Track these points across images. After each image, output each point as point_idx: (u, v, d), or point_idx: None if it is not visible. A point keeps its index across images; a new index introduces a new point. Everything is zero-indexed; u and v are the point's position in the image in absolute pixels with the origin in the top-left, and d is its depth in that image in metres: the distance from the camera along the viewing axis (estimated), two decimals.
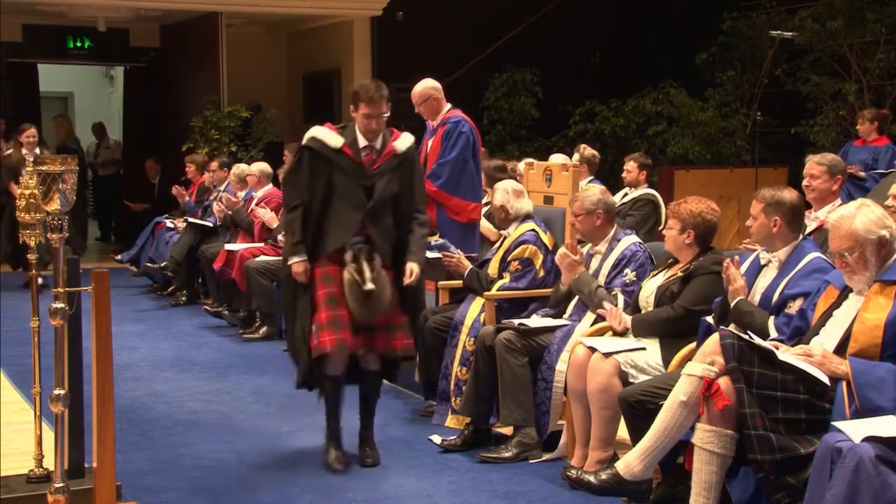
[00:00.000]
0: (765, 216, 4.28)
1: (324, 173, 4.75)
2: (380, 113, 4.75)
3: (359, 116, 4.77)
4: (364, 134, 4.77)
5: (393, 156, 4.82)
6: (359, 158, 4.77)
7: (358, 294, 4.61)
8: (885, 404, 3.45)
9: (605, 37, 13.47)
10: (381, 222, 4.78)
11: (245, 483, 4.63)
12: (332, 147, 4.75)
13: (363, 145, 4.78)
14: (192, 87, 13.01)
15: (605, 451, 4.53)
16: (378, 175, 4.78)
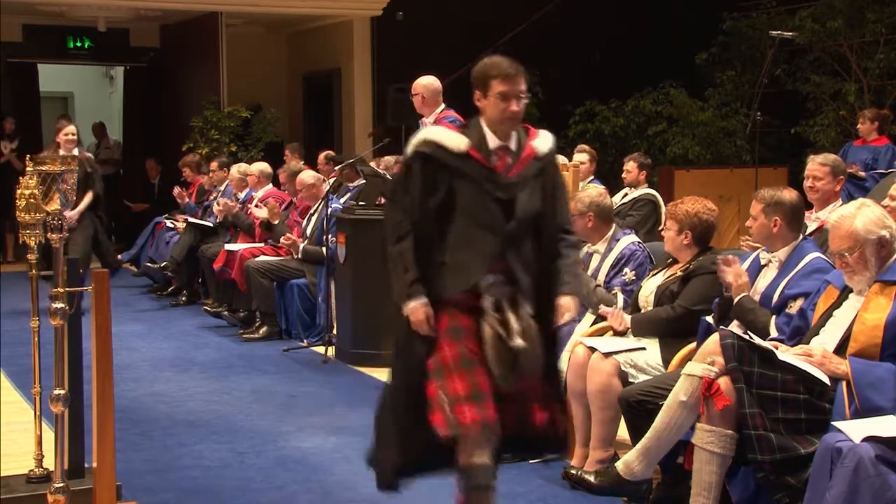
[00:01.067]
0: (765, 216, 4.28)
1: (443, 187, 3.58)
2: (519, 91, 3.62)
3: (490, 102, 3.61)
4: (498, 126, 3.62)
5: (535, 159, 3.66)
6: (490, 164, 3.59)
7: (504, 354, 3.49)
8: (884, 404, 3.45)
9: (605, 37, 13.47)
10: (522, 250, 3.62)
11: (245, 483, 4.63)
12: (455, 151, 3.59)
13: (495, 146, 3.62)
14: (192, 87, 13.01)
15: (606, 451, 4.53)
16: (517, 185, 3.60)
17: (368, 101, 13.25)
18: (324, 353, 7.12)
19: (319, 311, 7.64)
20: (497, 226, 3.56)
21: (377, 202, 7.04)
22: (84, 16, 12.95)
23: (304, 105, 14.48)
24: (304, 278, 7.79)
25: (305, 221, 8.10)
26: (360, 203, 7.19)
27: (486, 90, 3.62)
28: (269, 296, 7.87)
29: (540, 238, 3.66)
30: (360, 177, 8.12)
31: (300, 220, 8.24)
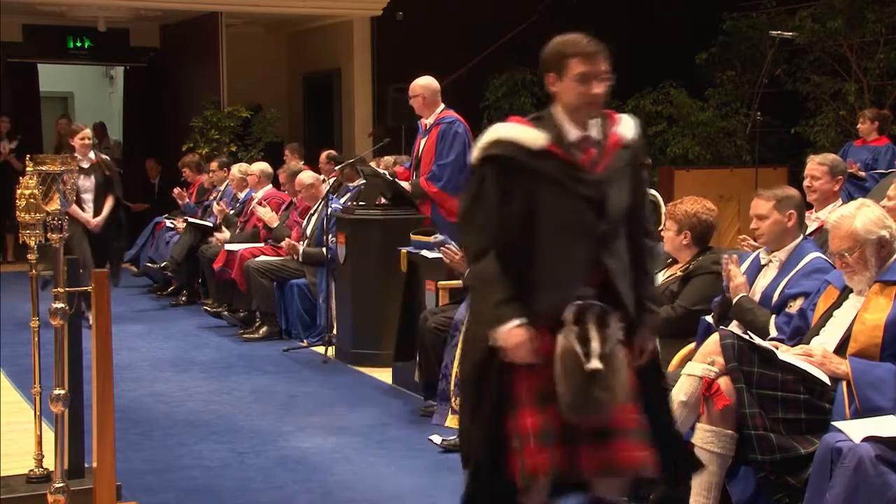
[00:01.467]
0: (778, 212, 4.26)
1: (522, 192, 3.08)
2: (602, 71, 3.22)
3: (567, 86, 3.15)
4: (577, 113, 3.14)
5: (623, 148, 3.19)
6: (574, 158, 3.11)
7: (575, 375, 2.96)
8: (885, 404, 3.45)
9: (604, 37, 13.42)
10: (618, 255, 3.12)
11: (245, 483, 4.63)
12: (532, 148, 3.09)
13: (576, 137, 3.13)
14: (192, 87, 13.01)
15: None
16: (607, 180, 3.11)
17: (368, 101, 13.25)
18: (324, 353, 7.12)
19: (320, 311, 7.64)
20: (589, 229, 3.06)
21: (377, 202, 7.05)
22: (84, 16, 12.95)
23: (304, 105, 14.48)
24: (304, 278, 7.79)
25: (305, 222, 8.10)
26: (360, 203, 7.19)
27: (561, 72, 3.16)
28: (269, 296, 7.87)
29: (628, 240, 3.16)
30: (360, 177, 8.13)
31: (300, 220, 8.24)
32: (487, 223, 3.09)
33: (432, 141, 6.84)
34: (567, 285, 3.05)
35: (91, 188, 8.17)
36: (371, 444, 5.19)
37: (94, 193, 8.18)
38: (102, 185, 8.21)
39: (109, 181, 8.31)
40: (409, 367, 6.06)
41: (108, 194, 8.26)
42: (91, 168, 8.18)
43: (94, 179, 8.18)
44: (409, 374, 6.08)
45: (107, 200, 8.24)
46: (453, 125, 6.81)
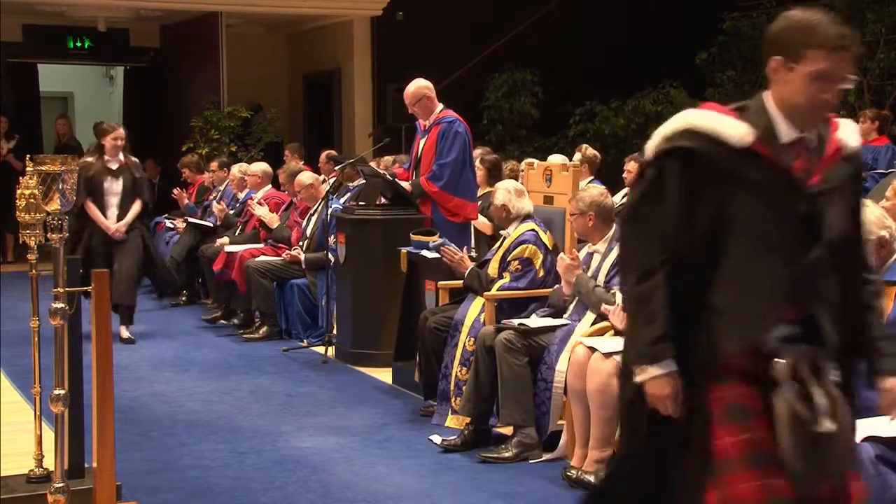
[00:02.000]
0: None
1: (713, 198, 2.54)
2: (845, 72, 2.52)
3: (795, 80, 2.51)
4: (799, 114, 2.54)
5: (842, 159, 2.62)
6: (785, 163, 2.55)
7: (806, 444, 2.48)
8: None
9: (605, 37, 13.47)
10: (826, 289, 2.58)
11: (245, 483, 4.63)
12: (734, 145, 2.54)
13: (789, 139, 2.56)
14: (192, 87, 13.02)
15: (604, 451, 4.53)
16: (824, 194, 2.56)
17: (368, 101, 13.26)
18: (324, 353, 7.12)
19: (320, 311, 7.63)
20: (793, 253, 2.52)
21: (377, 202, 7.05)
22: (84, 16, 12.96)
23: (304, 105, 14.48)
24: (304, 278, 7.79)
25: (305, 222, 8.10)
26: (360, 203, 7.19)
27: (794, 60, 2.50)
28: (269, 296, 7.87)
29: (843, 273, 2.60)
30: (360, 176, 8.13)
31: (300, 220, 8.23)
32: (662, 231, 2.55)
33: (432, 140, 6.84)
34: (758, 319, 2.52)
35: (118, 191, 7.61)
36: (371, 444, 5.19)
37: (121, 197, 7.62)
38: (130, 189, 7.66)
39: (139, 185, 7.78)
40: (409, 367, 6.07)
41: (136, 198, 7.72)
42: (120, 170, 7.63)
43: (122, 182, 7.64)
44: (409, 374, 6.09)
45: (134, 204, 7.69)
46: (453, 124, 6.81)
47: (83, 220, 7.54)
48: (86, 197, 7.41)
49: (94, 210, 7.54)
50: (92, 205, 7.53)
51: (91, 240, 7.54)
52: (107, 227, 7.55)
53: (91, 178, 7.49)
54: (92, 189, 7.50)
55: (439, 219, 6.79)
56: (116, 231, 7.56)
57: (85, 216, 7.54)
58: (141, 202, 7.72)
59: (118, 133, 7.61)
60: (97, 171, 7.56)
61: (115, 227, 7.57)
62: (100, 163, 7.59)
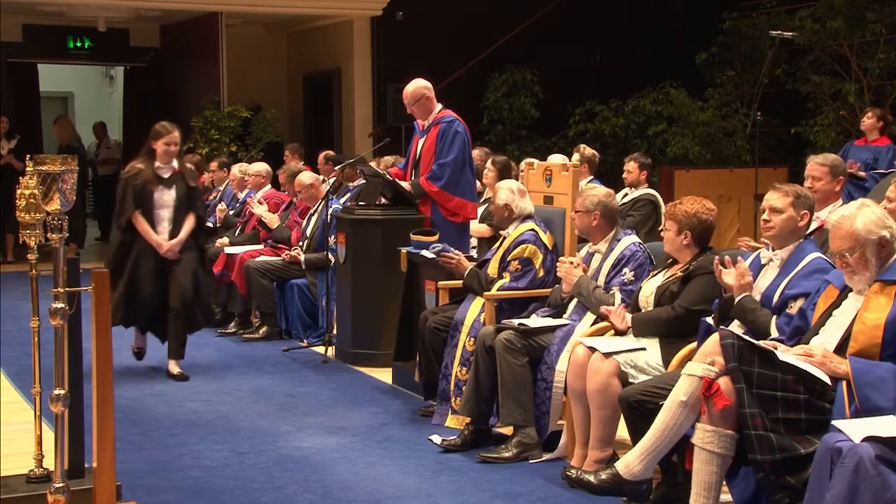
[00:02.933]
0: (794, 209, 4.25)
1: None
2: None
3: None
4: None
5: None
6: None
7: None
8: (885, 404, 3.45)
9: (605, 37, 13.48)
10: None
11: (245, 483, 4.63)
12: None
13: None
14: (192, 87, 13.02)
15: (604, 451, 4.53)
16: None
17: (368, 101, 13.26)
18: (324, 353, 7.12)
19: (320, 311, 7.63)
20: None
21: (377, 202, 7.05)
22: (84, 16, 12.96)
23: (304, 105, 14.48)
24: (304, 278, 7.79)
25: (305, 222, 8.10)
26: (360, 203, 7.19)
27: None
28: (269, 296, 7.87)
29: None
30: (360, 176, 8.13)
31: (300, 220, 8.23)
32: None
33: (431, 140, 6.84)
34: None
35: (171, 203, 6.50)
36: (371, 444, 5.20)
37: (174, 210, 6.51)
38: (185, 201, 6.54)
39: (193, 196, 6.68)
40: (409, 367, 6.06)
41: (190, 212, 6.58)
42: (172, 178, 6.52)
43: (175, 193, 6.52)
44: (409, 374, 6.08)
45: (187, 220, 6.56)
46: (452, 124, 6.81)
47: (130, 236, 6.48)
48: (134, 209, 6.43)
49: (144, 224, 6.43)
50: (141, 218, 6.43)
51: (139, 259, 6.45)
52: (158, 244, 6.44)
53: (140, 187, 6.45)
54: (141, 200, 6.44)
55: (439, 219, 6.79)
56: (169, 249, 6.45)
57: (132, 232, 6.46)
58: (195, 216, 6.61)
59: (173, 136, 6.47)
60: (147, 180, 6.44)
61: (168, 244, 6.45)
62: (150, 170, 6.46)
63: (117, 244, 6.55)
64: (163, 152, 6.45)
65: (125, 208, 6.46)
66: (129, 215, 6.43)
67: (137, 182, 6.45)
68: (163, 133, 6.45)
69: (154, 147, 6.47)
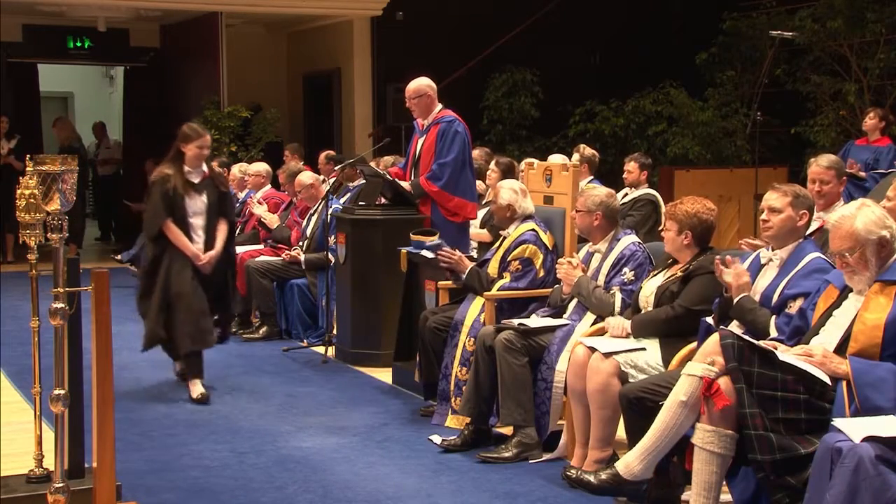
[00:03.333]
0: (793, 209, 4.25)
1: None
2: None
3: None
4: None
5: None
6: None
7: None
8: (885, 404, 3.45)
9: (604, 37, 13.48)
10: None
11: (245, 483, 4.63)
12: None
13: None
14: (192, 87, 13.02)
15: (604, 451, 4.53)
16: None
17: (368, 101, 13.26)
18: (324, 353, 7.12)
19: (320, 311, 7.63)
20: None
21: (377, 202, 7.05)
22: (84, 16, 12.95)
23: (304, 105, 14.48)
24: (304, 278, 7.79)
25: (305, 222, 8.10)
26: (360, 203, 7.19)
27: None
28: (269, 296, 7.87)
29: None
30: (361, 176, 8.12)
31: (300, 220, 8.23)
32: None
33: (431, 140, 6.84)
34: None
35: (202, 210, 6.09)
36: (371, 444, 5.20)
37: (206, 218, 6.10)
38: (216, 207, 6.15)
39: (225, 201, 6.28)
40: (409, 367, 6.06)
41: (222, 218, 6.20)
42: (203, 184, 6.11)
43: (206, 199, 6.11)
44: (409, 374, 6.08)
45: (219, 227, 6.16)
46: (452, 124, 6.81)
47: (162, 247, 6.01)
48: (166, 217, 5.98)
49: (178, 234, 5.98)
50: (174, 227, 5.99)
51: (171, 267, 5.98)
52: (195, 255, 6.01)
53: (170, 194, 5.99)
54: (172, 208, 5.99)
55: (439, 219, 6.79)
56: (208, 262, 6.04)
57: (164, 241, 6.00)
58: (227, 223, 6.23)
59: (205, 140, 6.05)
60: (177, 186, 6.01)
61: (206, 256, 6.05)
62: (179, 175, 6.03)
63: (150, 259, 6.07)
64: (194, 156, 6.02)
65: (156, 217, 5.97)
66: (161, 224, 5.96)
67: (167, 188, 5.99)
68: (193, 136, 6.02)
69: (183, 150, 6.02)
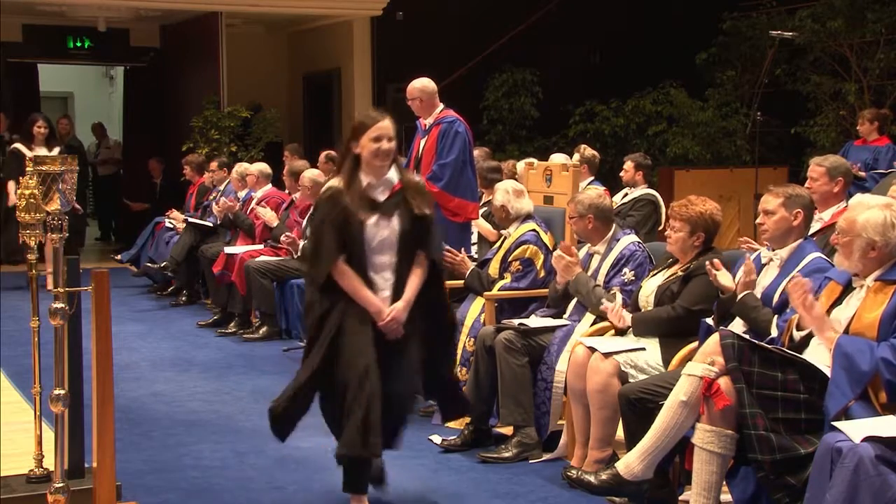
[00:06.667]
0: (786, 209, 4.26)
1: None
2: None
3: None
4: None
5: None
6: None
7: None
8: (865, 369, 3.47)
9: (605, 37, 13.48)
10: None
11: (245, 483, 4.63)
12: None
13: None
14: (192, 87, 13.02)
15: (604, 451, 4.53)
16: None
17: (368, 101, 13.26)
18: None
19: None
20: None
21: None
22: (84, 16, 12.95)
23: (304, 105, 14.48)
24: (304, 278, 7.78)
25: (305, 221, 8.09)
26: None
27: None
28: (269, 296, 7.87)
29: None
30: None
31: (300, 219, 8.23)
32: None
33: (432, 140, 6.83)
34: None
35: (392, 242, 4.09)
36: None
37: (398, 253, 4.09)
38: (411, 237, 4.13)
39: (423, 228, 4.14)
40: None
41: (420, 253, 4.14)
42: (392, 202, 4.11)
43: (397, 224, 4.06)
44: None
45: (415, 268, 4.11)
46: (454, 125, 6.80)
47: (331, 300, 4.06)
48: (337, 255, 4.02)
49: (354, 280, 4.06)
50: (348, 271, 4.04)
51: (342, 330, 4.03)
52: (378, 310, 4.03)
53: (342, 219, 4.04)
54: (345, 240, 4.04)
55: (440, 219, 6.77)
56: (394, 321, 4.03)
57: (336, 292, 4.05)
58: (427, 261, 4.16)
59: (384, 128, 4.04)
60: (353, 207, 4.05)
61: (392, 312, 4.03)
62: (356, 190, 4.08)
63: (315, 318, 4.09)
64: (373, 156, 4.00)
65: (322, 255, 4.05)
66: (331, 266, 4.02)
67: (338, 211, 4.05)
68: (368, 124, 4.04)
69: (357, 151, 4.04)
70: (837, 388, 3.49)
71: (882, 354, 3.47)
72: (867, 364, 3.46)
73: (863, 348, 3.50)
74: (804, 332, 3.82)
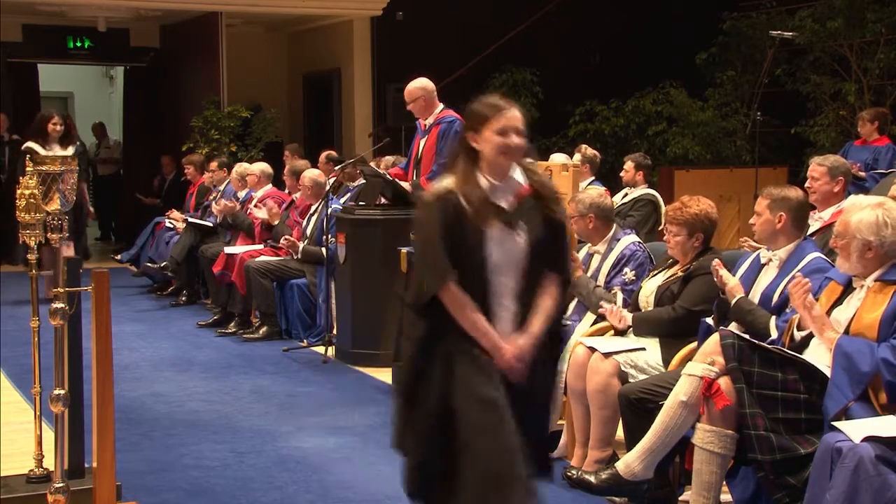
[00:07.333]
0: (770, 212, 4.28)
1: None
2: None
3: None
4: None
5: None
6: None
7: None
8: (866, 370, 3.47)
9: (605, 37, 13.47)
10: None
11: (245, 483, 4.63)
12: None
13: None
14: (192, 87, 13.02)
15: (604, 451, 4.53)
16: None
17: (368, 101, 13.26)
18: (324, 353, 7.12)
19: (320, 311, 7.63)
20: None
21: (377, 202, 7.04)
22: (84, 16, 12.95)
23: (304, 105, 14.48)
24: (304, 278, 7.79)
25: (305, 221, 8.10)
26: (360, 203, 7.18)
27: None
28: (269, 296, 7.86)
29: None
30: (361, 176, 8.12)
31: (300, 220, 8.23)
32: None
33: (432, 140, 6.84)
34: None
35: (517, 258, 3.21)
36: (371, 444, 5.19)
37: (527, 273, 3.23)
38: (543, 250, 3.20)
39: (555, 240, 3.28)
40: None
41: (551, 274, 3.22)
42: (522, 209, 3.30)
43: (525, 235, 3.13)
44: None
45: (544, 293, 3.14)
46: (453, 124, 6.81)
47: (435, 324, 3.20)
48: (448, 273, 3.12)
49: (467, 306, 3.15)
50: (459, 294, 3.14)
51: (453, 375, 3.15)
52: (497, 347, 3.13)
53: (458, 229, 3.15)
54: (459, 255, 3.15)
55: None
56: (518, 358, 3.14)
57: (440, 316, 3.17)
58: (560, 282, 3.29)
59: (511, 117, 3.34)
60: (469, 212, 3.19)
61: (514, 349, 3.14)
62: (475, 193, 3.22)
63: (412, 352, 3.31)
64: (498, 151, 3.25)
65: (434, 273, 3.16)
66: (441, 287, 3.13)
67: (448, 216, 3.16)
68: (490, 114, 3.26)
69: (476, 145, 3.25)
70: (837, 388, 3.49)
71: (882, 355, 3.47)
72: (867, 365, 3.47)
73: (863, 349, 3.51)
74: (804, 332, 3.82)
